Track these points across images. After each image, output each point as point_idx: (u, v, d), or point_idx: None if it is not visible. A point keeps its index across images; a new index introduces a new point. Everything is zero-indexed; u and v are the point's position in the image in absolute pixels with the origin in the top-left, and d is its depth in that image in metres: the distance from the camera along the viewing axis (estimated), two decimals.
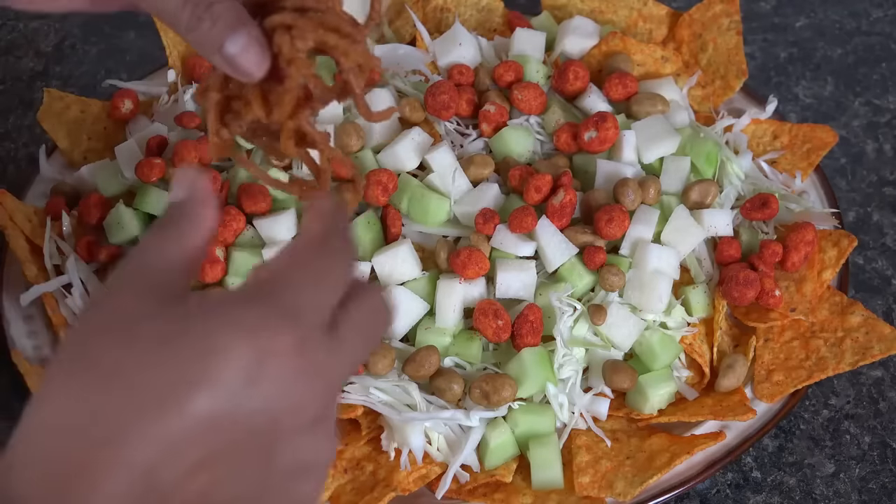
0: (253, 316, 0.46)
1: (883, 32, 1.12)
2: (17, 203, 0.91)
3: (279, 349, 0.45)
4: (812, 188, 0.93)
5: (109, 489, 0.43)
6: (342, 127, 0.88)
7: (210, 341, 0.45)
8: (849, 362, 0.81)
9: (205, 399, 0.44)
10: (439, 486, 0.77)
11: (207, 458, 0.44)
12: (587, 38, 0.97)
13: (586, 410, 0.80)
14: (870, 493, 0.80)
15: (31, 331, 0.86)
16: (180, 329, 0.45)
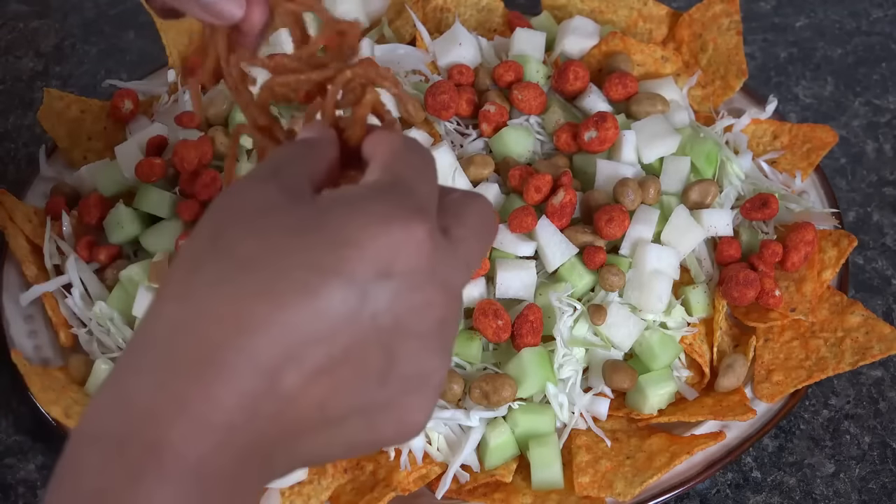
0: (386, 207, 0.45)
1: (883, 32, 1.12)
2: (17, 203, 0.91)
3: (413, 239, 0.45)
4: (812, 188, 0.93)
5: (233, 387, 0.43)
6: None
7: (345, 232, 0.44)
8: (849, 362, 0.81)
9: (338, 290, 0.43)
10: (439, 486, 0.77)
11: (331, 362, 0.44)
12: (587, 38, 0.97)
13: (586, 410, 0.80)
14: (870, 493, 0.80)
15: (31, 331, 0.86)
16: (315, 221, 0.45)
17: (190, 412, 0.43)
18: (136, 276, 0.83)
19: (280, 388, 0.43)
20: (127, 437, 0.44)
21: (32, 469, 0.83)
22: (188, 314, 0.44)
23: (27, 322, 0.87)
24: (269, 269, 0.44)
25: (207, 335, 0.43)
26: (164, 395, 0.43)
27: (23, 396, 0.82)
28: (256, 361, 0.43)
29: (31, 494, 0.82)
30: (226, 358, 0.43)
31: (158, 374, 0.44)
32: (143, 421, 0.43)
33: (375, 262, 0.44)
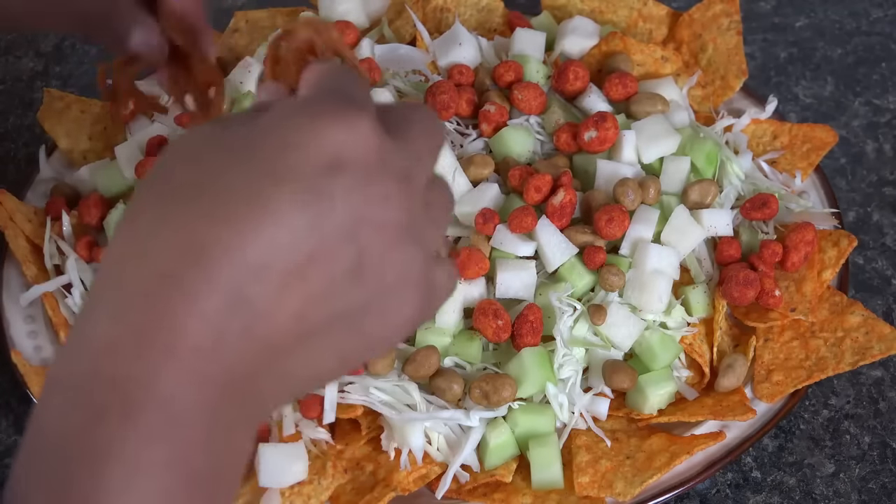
0: (322, 106, 0.45)
1: (883, 32, 1.12)
2: (17, 203, 0.91)
3: (356, 131, 0.44)
4: (812, 188, 0.93)
5: (193, 309, 0.41)
6: None
7: (284, 137, 0.44)
8: (849, 362, 0.81)
9: (288, 194, 0.42)
10: (439, 486, 0.77)
11: (298, 268, 0.43)
12: (587, 38, 0.97)
13: (586, 410, 0.80)
14: (870, 493, 0.80)
15: (32, 331, 0.86)
16: (253, 136, 0.44)
17: (149, 342, 0.41)
18: None
19: (246, 304, 0.42)
20: (86, 376, 0.42)
21: None
22: (137, 249, 0.43)
23: (27, 322, 0.87)
24: (212, 189, 0.43)
25: (158, 264, 0.42)
26: (120, 328, 0.42)
27: (23, 396, 0.82)
28: (215, 280, 0.41)
29: None
30: (181, 282, 0.41)
31: (112, 308, 0.42)
32: (101, 358, 0.42)
33: (321, 159, 0.43)
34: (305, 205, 0.43)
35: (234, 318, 0.42)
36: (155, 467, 0.41)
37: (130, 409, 0.41)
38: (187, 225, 0.42)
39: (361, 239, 0.44)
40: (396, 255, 0.45)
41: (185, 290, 0.41)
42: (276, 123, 0.45)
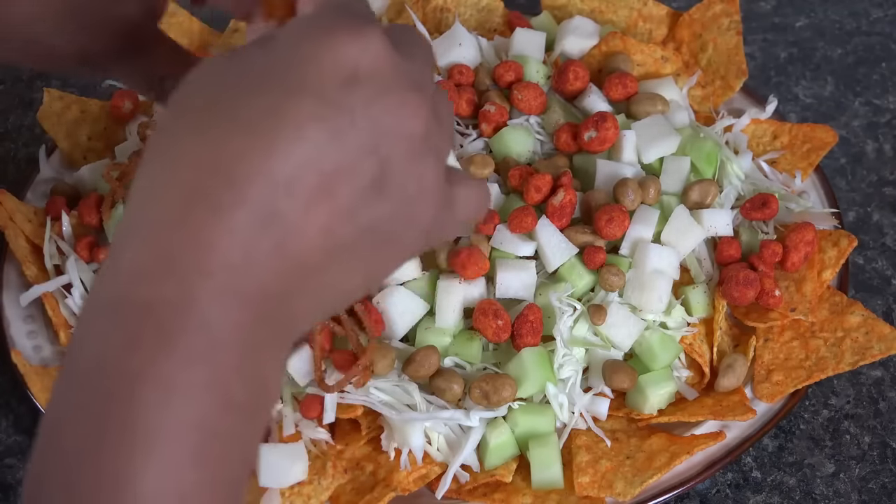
0: (333, 21, 0.45)
1: (883, 32, 1.12)
2: (17, 203, 0.91)
3: (369, 43, 0.45)
4: (812, 188, 0.93)
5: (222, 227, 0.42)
6: None
7: (299, 53, 0.44)
8: (849, 362, 0.81)
9: (308, 107, 0.43)
10: (439, 486, 0.77)
11: (323, 181, 0.43)
12: (587, 38, 0.97)
13: (586, 410, 0.80)
14: (870, 493, 0.80)
15: (31, 331, 0.86)
16: (267, 56, 0.45)
17: (180, 262, 0.41)
18: None
19: (276, 219, 0.42)
20: (120, 301, 0.42)
21: None
22: (163, 172, 0.43)
23: (27, 322, 0.87)
24: (233, 109, 0.43)
25: (186, 185, 0.42)
26: (151, 250, 0.42)
27: (23, 396, 0.82)
28: (243, 196, 0.42)
29: None
30: (210, 200, 0.42)
31: (143, 232, 0.42)
32: (134, 282, 0.41)
33: (337, 71, 0.44)
34: (325, 119, 0.43)
35: (265, 234, 0.42)
36: (193, 390, 0.41)
37: (165, 333, 0.41)
38: (212, 145, 0.43)
39: (382, 150, 0.45)
40: (416, 166, 0.46)
41: (215, 207, 0.42)
42: (290, 42, 0.45)
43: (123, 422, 0.40)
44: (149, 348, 0.41)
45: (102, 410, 0.41)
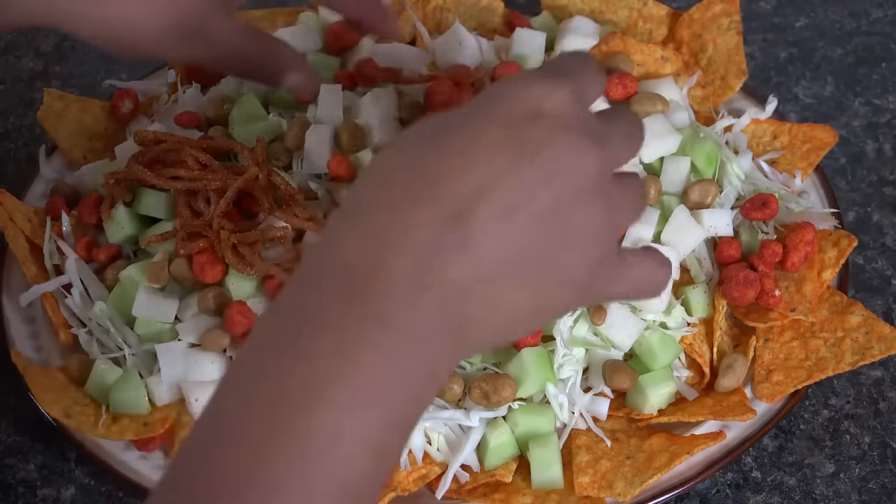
0: (538, 73, 0.54)
1: (883, 32, 1.12)
2: (17, 203, 0.91)
3: (558, 91, 0.53)
4: (812, 188, 0.93)
5: (426, 215, 0.50)
6: (342, 126, 0.88)
7: (499, 92, 0.54)
8: (849, 362, 0.81)
9: (494, 130, 0.52)
10: (439, 486, 0.77)
11: (502, 201, 0.51)
12: (587, 38, 0.97)
13: (586, 410, 0.80)
14: (870, 493, 0.80)
15: (32, 331, 0.86)
16: (480, 96, 0.55)
17: (381, 238, 0.50)
18: (136, 277, 0.83)
19: (461, 219, 0.50)
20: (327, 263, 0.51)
21: (32, 469, 0.83)
22: (376, 178, 0.54)
23: (27, 322, 0.87)
24: (438, 136, 0.53)
25: (394, 184, 0.52)
26: (358, 226, 0.51)
27: (23, 396, 0.82)
28: (435, 196, 0.50)
29: (31, 494, 0.82)
30: (409, 196, 0.51)
31: (357, 213, 0.52)
32: (339, 249, 0.51)
33: (523, 108, 0.52)
34: (508, 147, 0.51)
35: (450, 229, 0.50)
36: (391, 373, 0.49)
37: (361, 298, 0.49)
38: (417, 160, 0.52)
39: (556, 182, 0.51)
40: (584, 204, 0.53)
41: (414, 200, 0.51)
42: (494, 87, 0.54)
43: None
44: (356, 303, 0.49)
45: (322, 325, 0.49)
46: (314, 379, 0.47)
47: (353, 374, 0.48)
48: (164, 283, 0.83)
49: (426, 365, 0.50)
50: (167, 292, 0.83)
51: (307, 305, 0.49)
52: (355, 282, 0.49)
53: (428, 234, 0.50)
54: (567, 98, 0.53)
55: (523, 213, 0.51)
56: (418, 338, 0.49)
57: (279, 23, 1.03)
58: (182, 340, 0.81)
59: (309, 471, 0.46)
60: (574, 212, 0.52)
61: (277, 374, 0.48)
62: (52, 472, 0.83)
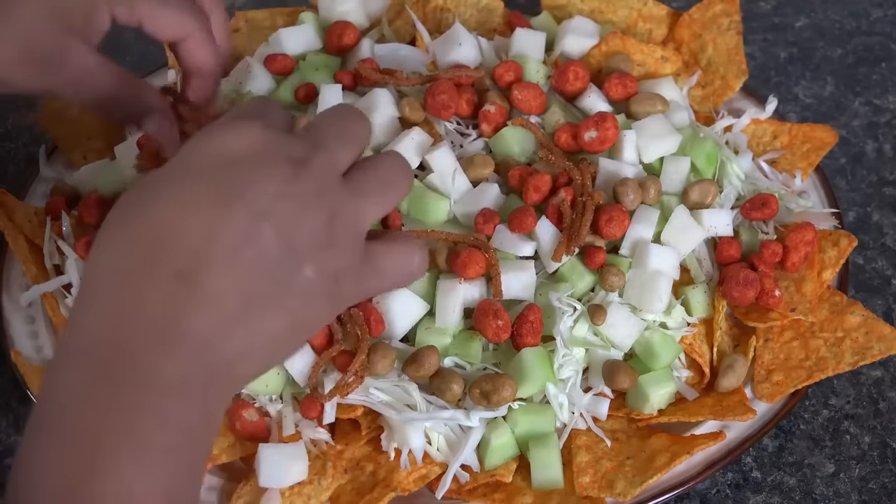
0: (223, 121, 0.59)
1: (883, 32, 1.12)
2: (17, 203, 0.91)
3: (243, 133, 0.56)
4: (812, 188, 0.93)
5: (156, 283, 0.53)
6: None
7: (189, 145, 0.57)
8: (849, 362, 0.81)
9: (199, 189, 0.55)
10: (439, 486, 0.77)
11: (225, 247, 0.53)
12: (587, 38, 0.97)
13: (586, 410, 0.80)
14: (870, 493, 0.80)
15: (32, 331, 0.86)
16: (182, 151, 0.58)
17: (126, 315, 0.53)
18: None
19: (189, 276, 0.53)
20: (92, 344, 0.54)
21: None
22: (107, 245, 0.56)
23: (27, 322, 0.87)
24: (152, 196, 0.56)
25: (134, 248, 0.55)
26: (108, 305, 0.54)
27: (23, 396, 0.82)
28: (161, 264, 0.53)
29: None
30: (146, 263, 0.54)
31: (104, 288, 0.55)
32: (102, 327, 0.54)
33: (215, 158, 0.56)
34: (215, 197, 0.54)
35: (181, 286, 0.52)
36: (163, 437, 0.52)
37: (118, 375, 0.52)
38: (135, 227, 0.55)
39: (274, 211, 0.54)
40: (303, 221, 0.55)
41: (140, 267, 0.53)
42: (186, 145, 0.57)
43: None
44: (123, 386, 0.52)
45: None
46: (91, 452, 0.50)
47: (128, 440, 0.51)
48: None
49: (195, 411, 0.53)
50: None
51: (68, 388, 0.52)
52: (105, 358, 0.52)
53: (159, 296, 0.52)
54: (256, 134, 0.56)
55: (249, 251, 0.53)
56: (177, 390, 0.52)
57: (279, 23, 1.03)
58: None
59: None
60: (295, 230, 0.55)
61: (57, 460, 0.51)
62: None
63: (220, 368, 0.53)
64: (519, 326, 0.79)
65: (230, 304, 0.53)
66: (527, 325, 0.79)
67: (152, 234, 0.53)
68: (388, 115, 0.89)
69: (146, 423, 0.51)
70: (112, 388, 0.51)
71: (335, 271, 0.57)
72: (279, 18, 1.04)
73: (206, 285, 0.52)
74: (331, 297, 0.57)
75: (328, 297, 0.57)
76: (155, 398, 0.51)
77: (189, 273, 0.52)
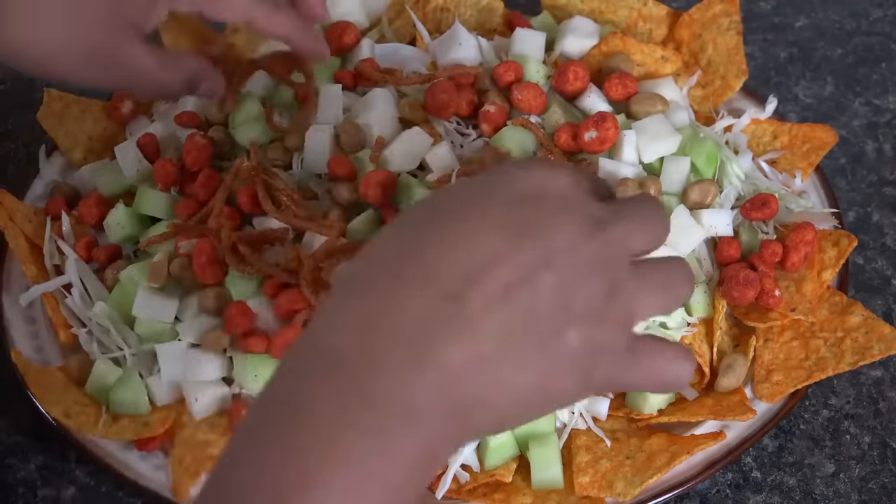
0: (540, 161, 0.60)
1: (883, 32, 1.12)
2: (17, 203, 0.91)
3: (560, 175, 0.53)
4: (812, 188, 0.93)
5: (419, 293, 0.49)
6: (342, 127, 0.88)
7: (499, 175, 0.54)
8: (849, 362, 0.81)
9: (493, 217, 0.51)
10: (439, 486, 0.77)
11: (500, 283, 0.50)
12: (587, 38, 0.97)
13: (586, 410, 0.80)
14: (870, 493, 0.80)
15: (32, 331, 0.86)
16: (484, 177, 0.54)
17: (371, 324, 0.49)
18: (136, 277, 0.83)
19: (457, 299, 0.49)
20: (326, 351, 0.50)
21: (32, 469, 0.83)
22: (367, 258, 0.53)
23: (27, 322, 0.87)
24: (438, 212, 0.53)
25: (386, 264, 0.51)
26: (353, 314, 0.50)
27: (23, 396, 0.82)
28: (432, 278, 0.50)
29: (31, 494, 0.82)
30: (400, 277, 0.50)
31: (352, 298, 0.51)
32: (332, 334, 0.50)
33: (523, 190, 0.52)
34: (505, 228, 0.50)
35: (447, 310, 0.49)
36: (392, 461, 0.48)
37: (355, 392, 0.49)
38: (412, 237, 0.52)
39: (557, 262, 0.50)
40: (585, 285, 0.51)
41: (410, 279, 0.50)
42: (495, 169, 0.55)
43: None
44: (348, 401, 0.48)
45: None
46: (308, 467, 0.47)
47: (346, 459, 0.47)
48: (164, 283, 0.83)
49: (423, 447, 0.49)
50: (167, 292, 0.83)
51: (298, 393, 0.49)
52: (346, 367, 0.49)
53: (423, 315, 0.49)
54: (568, 181, 0.53)
55: (523, 293, 0.50)
56: (414, 420, 0.48)
57: None
58: (182, 340, 0.81)
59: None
60: (574, 292, 0.51)
61: (274, 464, 0.48)
62: (52, 472, 0.83)
63: (462, 409, 0.50)
64: None
65: (489, 340, 0.49)
66: None
67: (432, 246, 0.50)
68: (388, 115, 0.89)
69: (371, 449, 0.48)
70: (345, 404, 0.48)
71: (598, 347, 0.52)
72: None
73: (470, 313, 0.49)
74: (584, 373, 0.52)
75: (582, 372, 0.52)
76: (389, 423, 0.48)
77: (457, 295, 0.49)
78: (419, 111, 0.90)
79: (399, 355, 0.48)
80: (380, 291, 0.50)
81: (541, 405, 0.53)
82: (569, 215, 0.52)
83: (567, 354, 0.51)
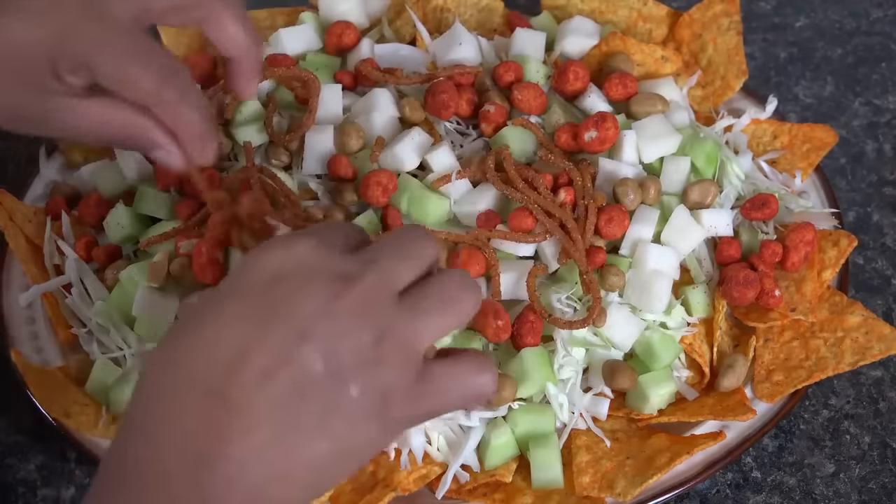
0: (278, 239, 0.56)
1: (883, 32, 1.12)
2: (17, 203, 0.91)
3: (295, 250, 0.54)
4: (812, 188, 0.93)
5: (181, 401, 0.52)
6: (342, 127, 0.88)
7: (241, 267, 0.56)
8: (849, 362, 0.81)
9: (233, 308, 0.54)
10: (439, 486, 0.77)
11: (258, 368, 0.52)
12: (587, 38, 0.97)
13: (586, 410, 0.80)
14: (870, 493, 0.80)
15: (32, 331, 0.86)
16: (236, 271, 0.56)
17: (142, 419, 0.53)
18: (136, 277, 0.83)
19: (218, 394, 0.51)
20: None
21: (32, 469, 0.83)
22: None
23: (27, 322, 0.87)
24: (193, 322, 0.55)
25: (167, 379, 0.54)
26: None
27: (23, 396, 0.82)
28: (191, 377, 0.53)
29: (31, 494, 0.82)
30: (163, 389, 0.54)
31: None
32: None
33: (263, 275, 0.54)
34: (247, 316, 0.52)
35: (213, 407, 0.51)
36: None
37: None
38: (172, 346, 0.54)
39: (315, 332, 0.52)
40: (349, 340, 0.52)
41: (173, 387, 0.53)
42: (240, 262, 0.56)
43: None
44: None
45: None
46: None
47: None
48: (164, 283, 0.83)
49: None
50: (167, 292, 0.83)
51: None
52: (144, 481, 0.52)
53: (196, 417, 0.51)
54: (307, 250, 0.54)
55: (283, 371, 0.51)
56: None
57: (279, 22, 1.03)
58: None
59: None
60: (338, 350, 0.52)
61: None
62: (52, 472, 0.83)
63: (256, 493, 0.51)
64: (519, 326, 0.79)
65: (265, 423, 0.51)
66: (527, 325, 0.79)
67: (190, 352, 0.53)
68: (388, 115, 0.89)
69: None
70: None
71: (384, 391, 0.53)
72: (279, 18, 1.04)
73: (237, 406, 0.51)
74: (380, 418, 0.54)
75: (377, 418, 0.54)
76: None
77: (219, 392, 0.51)
78: (419, 111, 0.90)
79: (180, 461, 0.51)
80: (152, 406, 0.53)
81: (344, 464, 0.55)
82: (313, 283, 0.53)
83: (354, 409, 0.53)
